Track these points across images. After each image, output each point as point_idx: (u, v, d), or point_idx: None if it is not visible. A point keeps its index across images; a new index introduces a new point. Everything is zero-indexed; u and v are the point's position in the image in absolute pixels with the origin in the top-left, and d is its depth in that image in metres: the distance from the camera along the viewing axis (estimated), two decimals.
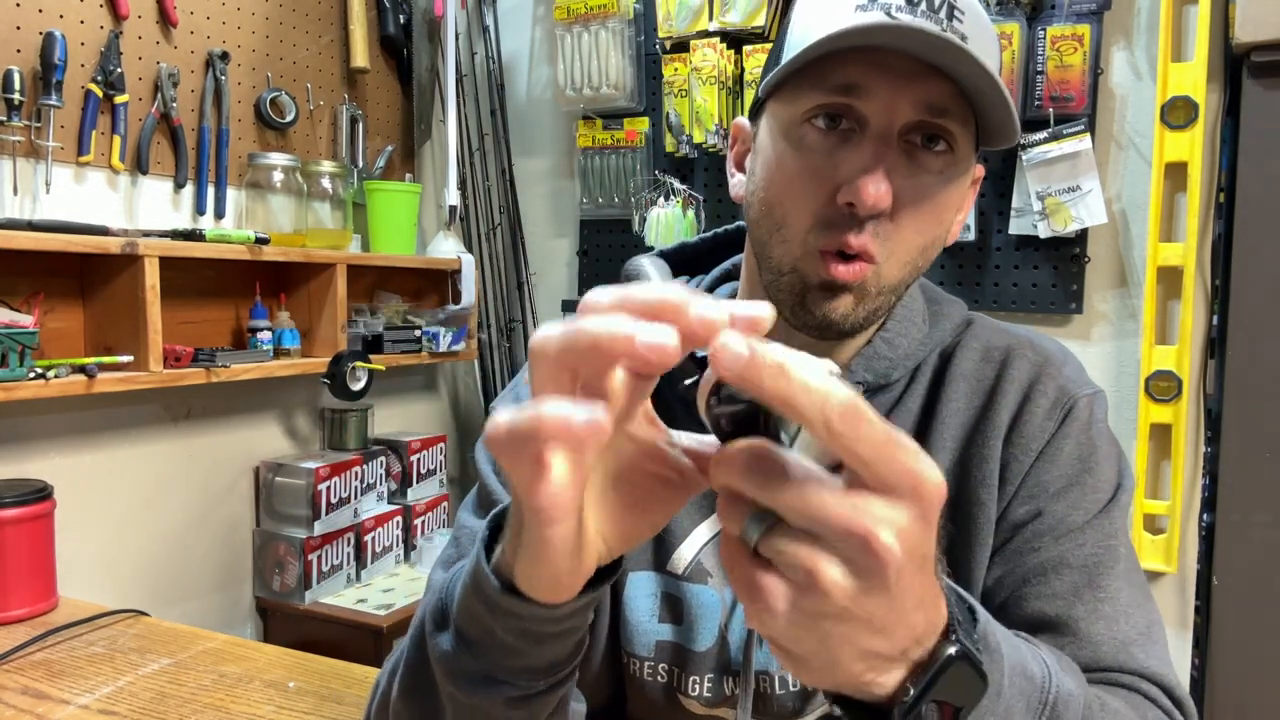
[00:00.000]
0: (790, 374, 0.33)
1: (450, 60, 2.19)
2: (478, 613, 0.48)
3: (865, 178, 0.59)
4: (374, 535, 1.98)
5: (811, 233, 0.63)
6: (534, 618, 0.46)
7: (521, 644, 0.48)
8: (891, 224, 0.62)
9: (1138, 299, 1.73)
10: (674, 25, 2.01)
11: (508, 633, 0.47)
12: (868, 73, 0.60)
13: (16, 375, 1.33)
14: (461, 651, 0.50)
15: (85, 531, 1.60)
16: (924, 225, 0.63)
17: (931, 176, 0.62)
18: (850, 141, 0.61)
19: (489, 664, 0.49)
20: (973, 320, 0.77)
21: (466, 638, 0.50)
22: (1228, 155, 1.62)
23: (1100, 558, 0.67)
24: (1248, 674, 1.59)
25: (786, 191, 0.64)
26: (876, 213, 0.60)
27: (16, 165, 1.49)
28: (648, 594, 0.73)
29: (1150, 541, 1.71)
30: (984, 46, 0.60)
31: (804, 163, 0.63)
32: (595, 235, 2.22)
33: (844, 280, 0.63)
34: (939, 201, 0.63)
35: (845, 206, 0.61)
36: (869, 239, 0.61)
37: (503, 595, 0.46)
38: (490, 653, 0.49)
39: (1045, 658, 0.53)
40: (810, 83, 0.62)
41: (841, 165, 0.61)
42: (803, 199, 0.63)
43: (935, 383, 0.73)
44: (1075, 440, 0.70)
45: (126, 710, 1.03)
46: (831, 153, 0.62)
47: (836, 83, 0.61)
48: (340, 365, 1.82)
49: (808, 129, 0.63)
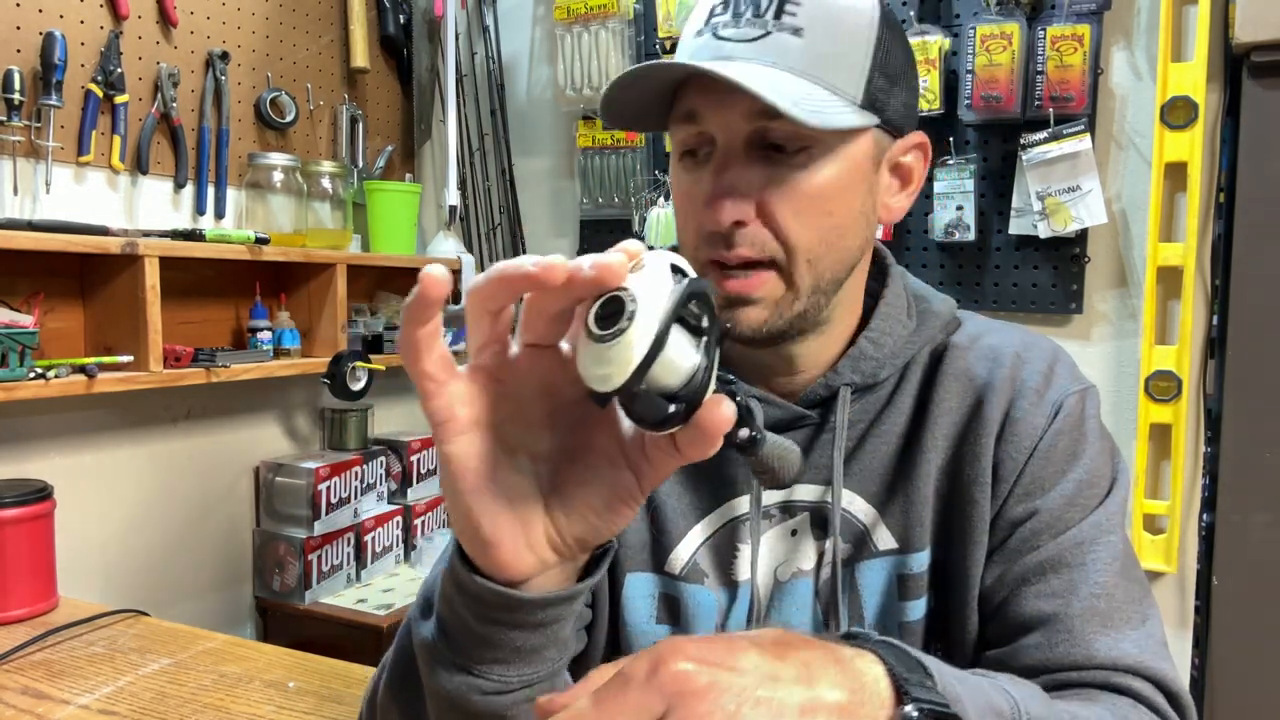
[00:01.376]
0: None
1: (450, 60, 2.19)
2: (450, 595, 0.49)
3: (711, 198, 0.64)
4: (374, 535, 1.98)
5: (699, 248, 0.67)
6: (496, 598, 0.46)
7: (490, 632, 0.48)
8: (768, 230, 0.64)
9: (1138, 299, 1.73)
10: (674, 25, 2.01)
11: (477, 618, 0.48)
12: (699, 98, 0.65)
13: (16, 375, 1.33)
14: (440, 640, 0.50)
15: (85, 531, 1.60)
16: (806, 219, 0.65)
17: (793, 171, 0.64)
18: (709, 163, 0.66)
19: (464, 655, 0.49)
20: (963, 318, 0.77)
21: (446, 627, 0.50)
22: (1228, 155, 1.62)
23: (1097, 555, 0.67)
24: (1248, 674, 1.59)
25: (678, 217, 0.70)
26: (734, 224, 0.64)
27: (16, 165, 1.49)
28: (646, 595, 0.73)
29: (1150, 541, 1.71)
30: (819, 36, 0.62)
31: (680, 191, 0.69)
32: (595, 235, 2.22)
33: (738, 292, 0.65)
34: (812, 193, 0.65)
35: (712, 225, 0.65)
36: (744, 249, 0.64)
37: (469, 575, 0.46)
38: (464, 641, 0.49)
39: (1007, 688, 0.53)
40: (672, 117, 0.67)
41: (701, 189, 0.65)
42: (687, 225, 0.68)
43: (927, 381, 0.73)
44: (1069, 437, 0.70)
45: (126, 710, 1.03)
46: (697, 180, 0.66)
47: (683, 111, 0.66)
48: (340, 365, 1.82)
49: (681, 161, 0.69)
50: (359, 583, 1.95)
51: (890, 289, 0.75)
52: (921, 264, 1.87)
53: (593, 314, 0.39)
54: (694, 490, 0.74)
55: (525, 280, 0.39)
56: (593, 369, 0.39)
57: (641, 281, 0.39)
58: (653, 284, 0.39)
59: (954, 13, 1.79)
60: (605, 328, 0.38)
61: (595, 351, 0.39)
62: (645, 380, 0.38)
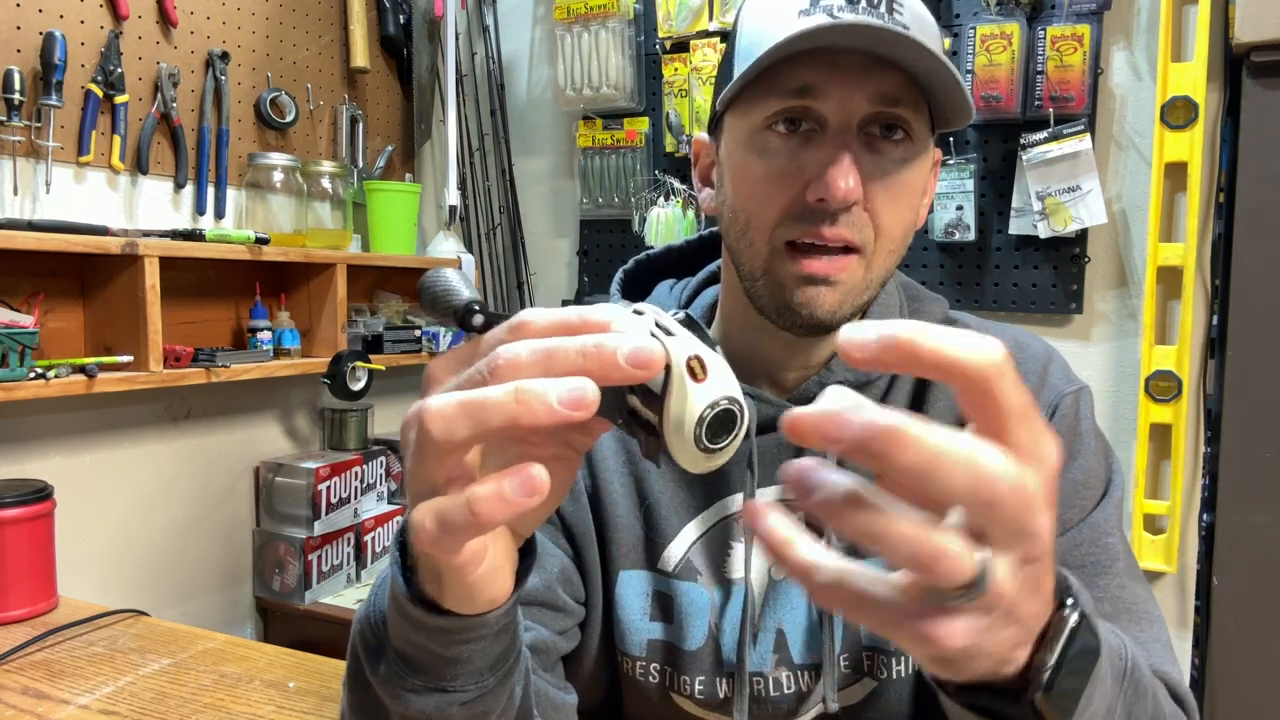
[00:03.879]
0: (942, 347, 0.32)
1: (450, 60, 2.19)
2: (408, 634, 0.47)
3: (833, 170, 0.61)
4: (374, 535, 1.98)
5: (779, 228, 0.64)
6: (464, 629, 0.46)
7: (459, 652, 0.47)
8: (867, 214, 0.63)
9: (1138, 299, 1.73)
10: (674, 25, 2.01)
11: (443, 647, 0.47)
12: (820, 73, 0.61)
13: (16, 375, 1.33)
14: (404, 671, 0.49)
15: (85, 531, 1.60)
16: (897, 212, 0.65)
17: (894, 164, 0.64)
18: (812, 141, 0.63)
19: (433, 677, 0.48)
20: (955, 318, 0.77)
21: (406, 659, 0.49)
22: (1228, 155, 1.62)
23: (1097, 557, 0.67)
24: (1248, 674, 1.59)
25: (753, 196, 0.66)
26: (848, 204, 0.62)
27: (16, 165, 1.49)
28: (639, 593, 0.73)
29: (1150, 541, 1.71)
30: (925, 35, 0.61)
31: (769, 167, 0.64)
32: (595, 235, 2.22)
33: (824, 273, 0.64)
34: (906, 187, 0.65)
35: (816, 203, 0.62)
36: (844, 230, 0.63)
37: (428, 615, 0.45)
38: (431, 666, 0.48)
39: (1115, 629, 0.52)
40: (765, 91, 0.63)
41: (808, 164, 0.63)
42: (770, 201, 0.64)
43: (921, 382, 0.73)
44: (1064, 438, 0.70)
45: (126, 710, 1.03)
46: (795, 154, 0.63)
47: (791, 87, 0.62)
48: (340, 365, 1.82)
49: (769, 135, 0.64)
50: (359, 583, 1.95)
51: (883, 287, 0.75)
52: (921, 264, 1.87)
53: (705, 426, 0.38)
54: (687, 488, 0.74)
55: (510, 419, 0.35)
56: (692, 465, 0.39)
57: (711, 369, 0.39)
58: (720, 369, 0.39)
59: (954, 13, 1.79)
60: (717, 441, 0.39)
61: (698, 456, 0.39)
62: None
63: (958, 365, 0.32)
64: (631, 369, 0.36)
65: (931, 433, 0.31)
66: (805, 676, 0.71)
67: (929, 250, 1.86)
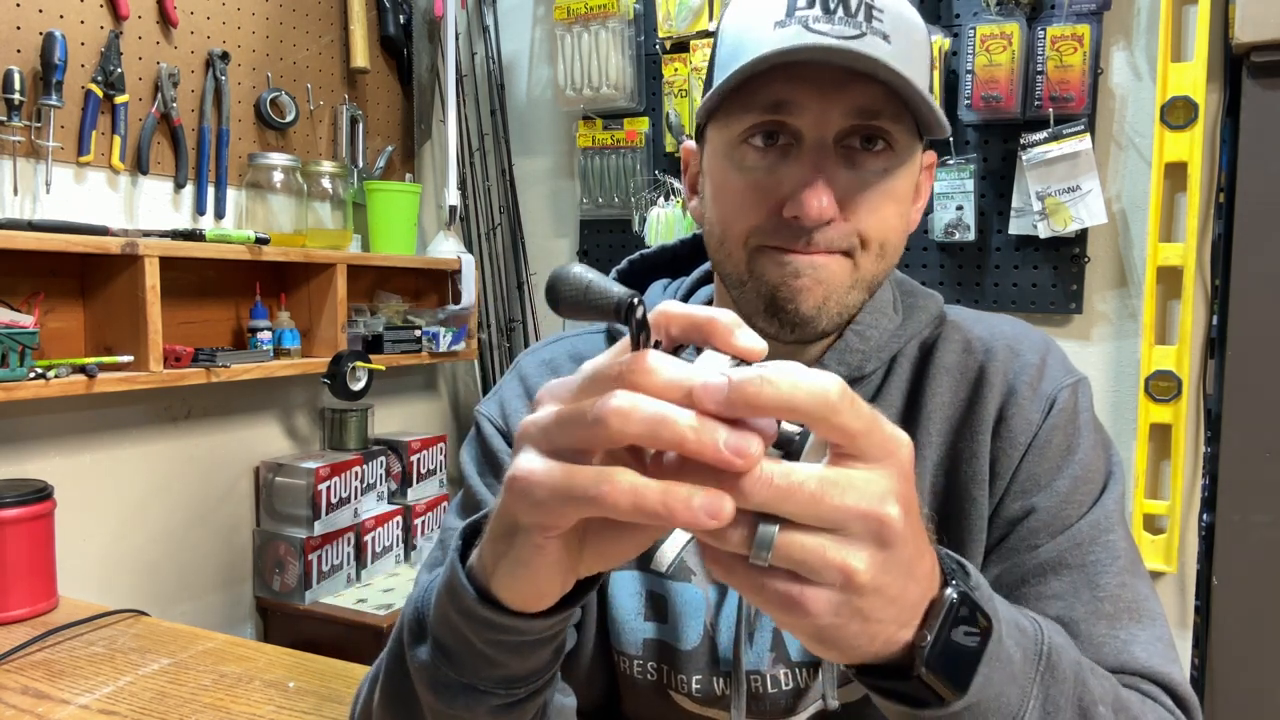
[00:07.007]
0: (777, 383, 0.35)
1: (450, 60, 2.19)
2: (455, 622, 0.48)
3: (807, 191, 0.61)
4: (374, 535, 1.98)
5: (758, 234, 0.65)
6: (512, 628, 0.46)
7: (500, 654, 0.48)
8: (850, 223, 0.63)
9: (1137, 299, 1.73)
10: (674, 25, 2.01)
11: (485, 643, 0.47)
12: (795, 88, 0.61)
13: (16, 375, 1.33)
14: (440, 662, 0.50)
15: (85, 531, 1.60)
16: (881, 220, 0.64)
17: (875, 175, 0.64)
18: (789, 156, 0.63)
19: (469, 674, 0.49)
20: (950, 311, 0.77)
21: (445, 648, 0.49)
22: (1227, 155, 1.62)
23: (1098, 555, 0.66)
24: (1248, 674, 1.59)
25: (730, 208, 0.66)
26: (823, 223, 0.62)
27: (16, 165, 1.49)
28: (632, 592, 0.73)
29: (1150, 541, 1.71)
30: (904, 46, 0.61)
31: (746, 181, 0.64)
32: (595, 235, 2.22)
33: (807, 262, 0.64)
34: (889, 196, 0.65)
35: (791, 220, 0.62)
36: (823, 247, 0.63)
37: (479, 604, 0.46)
38: (469, 663, 0.49)
39: (1034, 616, 0.53)
40: (742, 105, 0.63)
41: (784, 180, 0.63)
42: (746, 215, 0.65)
43: (917, 375, 0.73)
44: (1063, 431, 0.70)
45: (126, 710, 1.03)
46: (772, 169, 0.63)
47: (766, 102, 0.62)
48: (340, 365, 1.82)
49: (746, 149, 0.64)
50: (359, 583, 1.95)
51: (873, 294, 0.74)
52: (921, 264, 1.87)
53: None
54: None
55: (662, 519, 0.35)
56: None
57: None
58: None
59: (954, 13, 1.79)
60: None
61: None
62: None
63: (797, 407, 0.35)
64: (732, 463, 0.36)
65: (785, 472, 0.36)
66: (803, 674, 0.71)
67: (929, 250, 1.86)
